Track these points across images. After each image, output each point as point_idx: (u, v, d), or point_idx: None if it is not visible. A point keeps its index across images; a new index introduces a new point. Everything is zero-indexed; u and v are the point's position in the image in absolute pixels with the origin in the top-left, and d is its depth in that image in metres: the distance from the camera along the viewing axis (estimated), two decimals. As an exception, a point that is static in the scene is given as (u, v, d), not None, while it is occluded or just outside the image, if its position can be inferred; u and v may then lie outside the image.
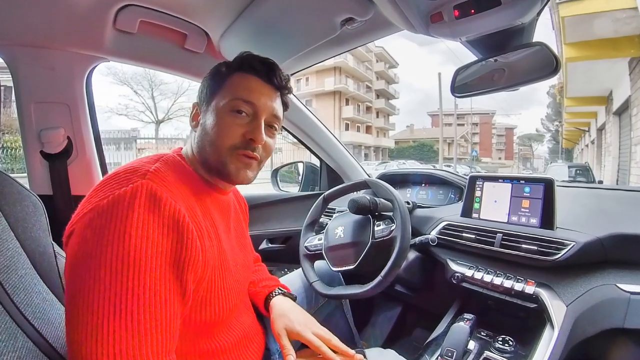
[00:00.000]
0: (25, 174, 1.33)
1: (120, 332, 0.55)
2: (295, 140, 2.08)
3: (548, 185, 1.20)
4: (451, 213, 1.48)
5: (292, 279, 1.41)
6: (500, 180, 1.34)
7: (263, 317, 1.12)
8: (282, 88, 0.90)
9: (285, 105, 0.94)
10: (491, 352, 1.10)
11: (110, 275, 0.56)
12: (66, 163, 1.36)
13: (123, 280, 0.56)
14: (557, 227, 1.16)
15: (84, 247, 0.58)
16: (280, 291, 1.11)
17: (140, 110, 22.75)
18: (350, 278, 1.41)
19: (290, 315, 0.99)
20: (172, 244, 0.62)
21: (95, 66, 1.37)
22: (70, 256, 0.60)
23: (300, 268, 1.40)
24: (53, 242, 0.87)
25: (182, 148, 0.90)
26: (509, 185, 1.30)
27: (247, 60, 0.87)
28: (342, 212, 1.53)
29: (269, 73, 0.87)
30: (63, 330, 0.75)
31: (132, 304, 0.56)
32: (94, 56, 1.32)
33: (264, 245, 2.02)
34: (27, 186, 0.85)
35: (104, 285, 0.55)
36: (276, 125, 0.89)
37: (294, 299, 1.12)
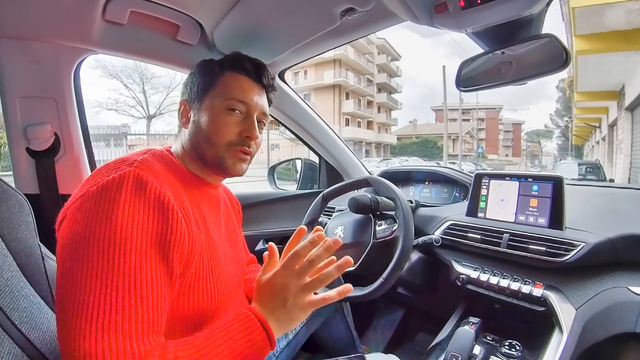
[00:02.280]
0: (11, 172, 1.32)
1: (105, 307, 0.58)
2: (293, 136, 2.08)
3: (557, 184, 1.20)
4: (456, 212, 1.49)
5: (290, 281, 1.41)
6: (507, 178, 1.34)
7: None
8: (269, 87, 1.00)
9: (270, 102, 1.03)
10: (497, 357, 1.10)
11: (98, 253, 0.60)
12: (53, 160, 1.35)
13: (110, 258, 0.60)
14: (566, 227, 1.17)
15: (75, 227, 0.63)
16: None
17: (130, 105, 22.75)
18: (350, 280, 1.41)
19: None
20: (158, 224, 0.67)
21: (84, 59, 1.36)
22: (61, 238, 0.65)
23: (299, 270, 1.40)
24: (40, 244, 0.87)
25: (171, 146, 0.96)
26: (516, 184, 1.31)
27: (239, 60, 0.95)
28: (342, 211, 1.53)
29: (258, 73, 0.96)
30: (51, 335, 0.76)
31: (117, 280, 0.60)
32: (82, 48, 1.31)
33: (260, 246, 2.02)
34: (13, 185, 0.85)
35: (92, 263, 0.60)
36: (264, 121, 0.99)
37: None
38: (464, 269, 1.31)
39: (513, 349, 1.11)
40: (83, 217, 0.63)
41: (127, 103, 22.68)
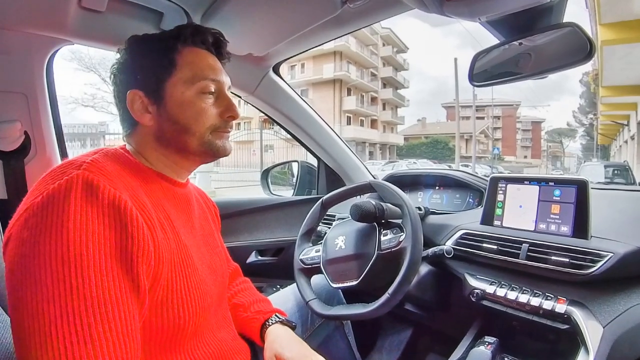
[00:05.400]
0: (-25, 176, 1.32)
1: (71, 339, 0.56)
2: (288, 136, 2.08)
3: (581, 188, 1.20)
4: (469, 220, 1.48)
5: (285, 297, 1.41)
6: (526, 182, 1.34)
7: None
8: (227, 59, 1.00)
9: None
10: (516, 380, 1.10)
11: (51, 275, 0.58)
12: (23, 162, 1.35)
13: (66, 280, 0.58)
14: (592, 236, 1.16)
15: (22, 249, 0.60)
16: (277, 318, 1.13)
17: (109, 101, 22.56)
18: (352, 296, 1.41)
19: (282, 342, 1.02)
20: (116, 234, 0.65)
21: (57, 50, 1.37)
22: (8, 262, 0.62)
23: (295, 284, 1.40)
24: (7, 254, 0.87)
25: (125, 145, 0.91)
26: (536, 188, 1.30)
27: (199, 33, 0.91)
28: (343, 219, 1.53)
29: (220, 46, 0.96)
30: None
31: (79, 305, 0.57)
32: (55, 38, 1.32)
33: (252, 257, 2.02)
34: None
35: (47, 287, 0.57)
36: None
37: (292, 327, 1.14)
38: (478, 283, 1.30)
39: (534, 372, 1.10)
40: (30, 235, 0.60)
41: (106, 99, 22.58)
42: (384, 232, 1.26)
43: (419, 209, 1.61)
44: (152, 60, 0.87)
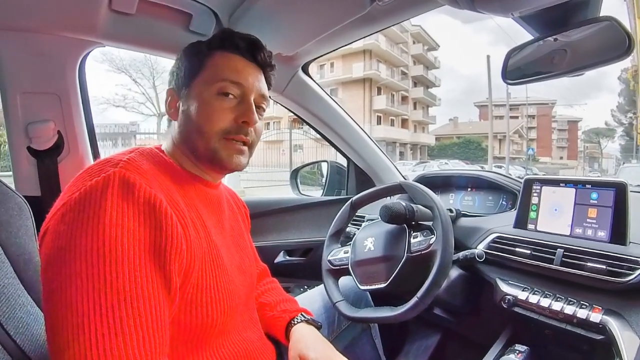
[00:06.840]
0: (11, 173, 1.37)
1: (103, 331, 0.58)
2: (318, 136, 2.08)
3: (620, 191, 1.16)
4: (502, 223, 1.46)
5: (312, 298, 1.41)
6: (561, 184, 1.31)
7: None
8: (266, 66, 0.98)
9: (269, 84, 1.01)
10: (548, 391, 1.07)
11: (86, 268, 0.60)
12: (56, 160, 1.39)
13: (100, 273, 0.60)
14: (630, 242, 1.12)
15: (58, 242, 0.62)
16: (303, 317, 1.13)
17: (140, 101, 23.26)
18: (380, 298, 1.41)
19: (307, 342, 1.02)
20: (150, 231, 0.67)
21: (89, 52, 1.40)
22: (44, 255, 0.65)
23: (322, 285, 1.41)
24: (40, 250, 0.89)
25: (161, 144, 0.95)
26: (572, 191, 1.27)
27: (229, 37, 0.93)
28: (372, 220, 1.53)
29: (253, 51, 0.94)
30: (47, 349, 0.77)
31: (112, 298, 0.59)
32: (87, 41, 1.35)
33: (280, 257, 2.04)
34: (12, 186, 0.87)
35: (81, 280, 0.59)
36: (263, 106, 0.97)
37: (318, 327, 1.14)
38: (510, 289, 1.28)
39: (566, 383, 1.08)
40: (66, 230, 0.63)
41: (136, 99, 23.23)
42: (414, 234, 1.25)
43: (450, 210, 1.59)
44: (187, 63, 0.92)
